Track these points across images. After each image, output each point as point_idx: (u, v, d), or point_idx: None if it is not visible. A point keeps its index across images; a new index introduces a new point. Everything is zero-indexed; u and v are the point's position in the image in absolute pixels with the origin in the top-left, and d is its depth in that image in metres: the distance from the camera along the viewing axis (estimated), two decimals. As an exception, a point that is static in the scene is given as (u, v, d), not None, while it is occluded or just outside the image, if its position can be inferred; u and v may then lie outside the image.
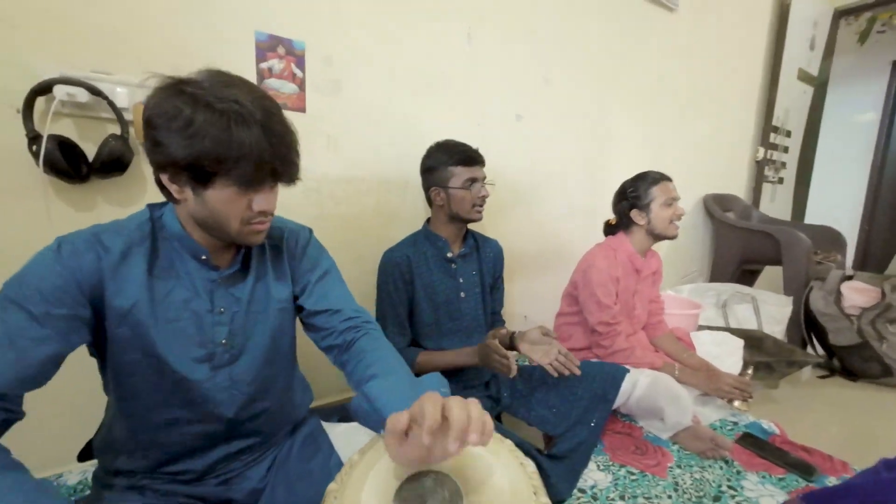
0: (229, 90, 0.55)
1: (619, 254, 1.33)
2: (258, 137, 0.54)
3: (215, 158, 0.53)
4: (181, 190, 0.57)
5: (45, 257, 0.55)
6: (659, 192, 1.28)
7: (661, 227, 1.29)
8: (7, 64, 0.79)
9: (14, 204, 0.81)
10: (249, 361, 0.68)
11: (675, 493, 0.92)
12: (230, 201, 0.57)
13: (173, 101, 0.53)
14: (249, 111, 0.54)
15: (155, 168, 0.57)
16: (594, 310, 1.27)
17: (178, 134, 0.52)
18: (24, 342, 0.50)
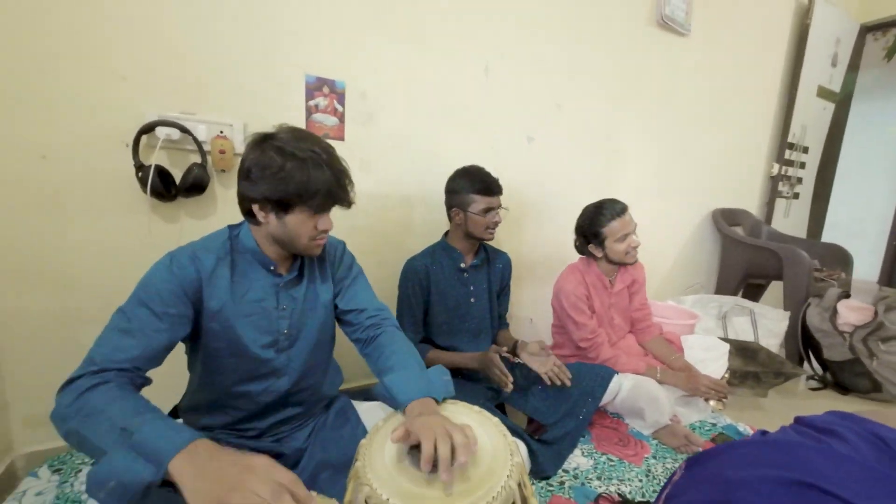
0: (303, 142, 0.76)
1: (588, 275, 1.44)
2: (328, 176, 0.75)
3: (297, 194, 0.74)
4: (266, 216, 0.77)
5: (162, 269, 0.75)
6: (613, 229, 1.34)
7: (618, 258, 1.38)
8: (119, 109, 1.02)
9: (125, 218, 1.05)
10: (302, 346, 0.88)
11: (647, 479, 1.08)
12: (303, 223, 0.77)
13: (266, 154, 0.74)
14: (320, 157, 0.75)
15: (248, 201, 0.77)
16: (573, 329, 1.40)
17: (271, 178, 0.73)
18: (149, 332, 0.69)
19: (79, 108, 0.98)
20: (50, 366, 1.03)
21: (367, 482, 0.61)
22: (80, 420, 0.56)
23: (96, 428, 0.55)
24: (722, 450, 0.49)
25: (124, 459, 0.51)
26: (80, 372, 0.62)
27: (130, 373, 0.65)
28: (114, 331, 0.68)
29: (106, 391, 0.60)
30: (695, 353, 1.53)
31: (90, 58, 0.97)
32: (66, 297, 1.02)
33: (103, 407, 0.57)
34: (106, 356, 0.64)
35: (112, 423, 0.55)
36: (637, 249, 1.37)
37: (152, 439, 0.53)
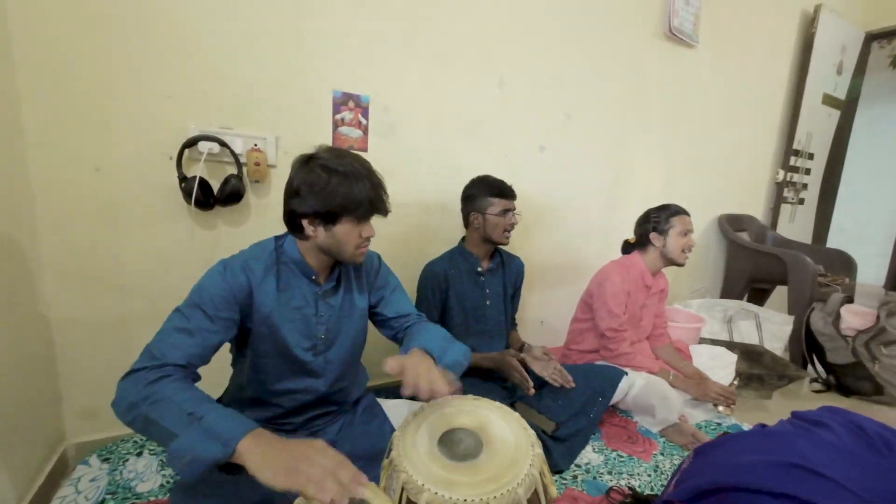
0: (344, 159, 0.83)
1: (632, 271, 1.53)
2: (368, 187, 0.83)
3: (343, 206, 0.82)
4: (315, 229, 0.85)
5: (215, 276, 0.82)
6: (678, 223, 1.48)
7: (674, 253, 1.49)
8: (165, 125, 1.09)
9: (170, 227, 1.13)
10: (338, 351, 0.95)
11: (655, 473, 1.14)
12: (349, 232, 0.85)
13: (313, 172, 0.82)
14: (360, 171, 0.83)
15: (298, 217, 0.84)
16: (605, 316, 1.48)
17: (319, 193, 0.81)
18: (203, 333, 0.76)
19: (129, 125, 1.06)
20: (101, 363, 1.11)
21: (403, 469, 0.68)
22: (148, 406, 0.63)
23: (165, 413, 0.62)
24: (726, 440, 0.55)
25: (198, 438, 0.59)
26: (143, 364, 0.68)
27: (186, 369, 0.72)
28: (172, 329, 0.74)
29: (170, 382, 0.67)
30: (702, 361, 1.59)
31: (141, 78, 1.05)
32: (119, 301, 1.10)
33: (170, 395, 0.64)
34: (165, 352, 0.70)
35: (180, 409, 0.62)
36: (690, 252, 1.49)
37: (219, 424, 0.60)
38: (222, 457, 0.58)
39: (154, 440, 0.65)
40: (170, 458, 0.59)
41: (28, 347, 0.96)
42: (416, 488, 0.65)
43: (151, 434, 0.63)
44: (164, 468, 1.05)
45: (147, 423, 0.63)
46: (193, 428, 0.60)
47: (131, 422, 0.64)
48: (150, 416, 0.62)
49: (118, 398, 0.66)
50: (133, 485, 0.99)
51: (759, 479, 0.41)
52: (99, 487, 0.97)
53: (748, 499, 0.42)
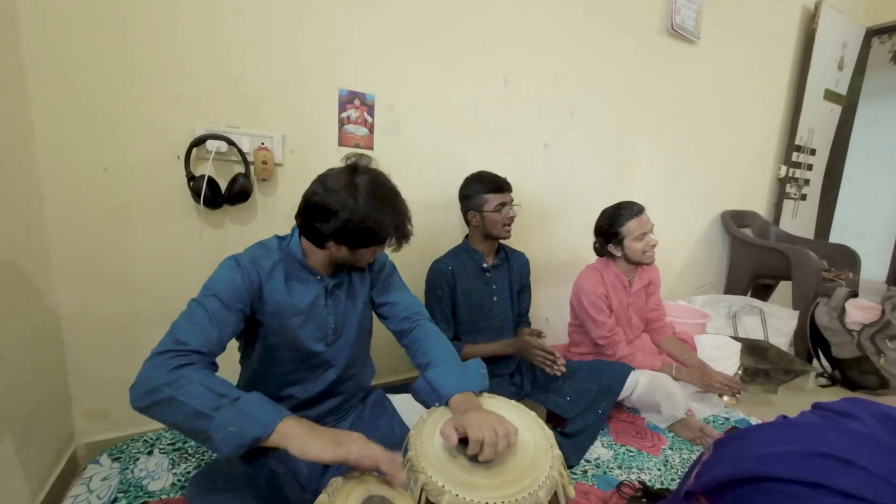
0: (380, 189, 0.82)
1: (606, 275, 1.50)
2: (395, 221, 0.83)
3: (376, 235, 0.82)
4: (338, 248, 0.84)
5: (228, 269, 0.82)
6: (631, 228, 1.41)
7: (636, 257, 1.45)
8: (172, 124, 1.10)
9: (178, 226, 1.13)
10: (346, 340, 0.96)
11: (665, 468, 1.14)
12: (367, 254, 0.88)
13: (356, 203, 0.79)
14: (396, 201, 0.83)
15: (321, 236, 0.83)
16: (592, 327, 1.46)
17: (345, 223, 0.79)
18: (222, 321, 0.76)
19: (137, 125, 1.06)
20: (110, 364, 1.11)
21: (422, 470, 0.67)
22: (175, 388, 0.62)
23: (194, 394, 0.62)
24: (749, 431, 0.55)
25: (237, 416, 0.60)
26: (166, 347, 0.68)
27: (206, 357, 0.72)
28: (193, 316, 0.74)
29: (196, 369, 0.67)
30: (707, 352, 1.59)
31: (149, 78, 1.05)
32: (128, 300, 1.10)
33: (200, 380, 0.64)
34: (188, 338, 0.70)
35: (210, 391, 0.62)
36: (654, 249, 1.43)
37: (257, 406, 0.62)
38: (262, 434, 0.59)
39: (174, 424, 0.63)
40: (216, 427, 0.59)
41: (39, 348, 0.96)
42: (436, 490, 0.64)
43: (173, 417, 0.62)
44: (176, 467, 1.05)
45: (174, 406, 0.61)
46: (230, 407, 0.61)
47: (150, 405, 0.63)
48: (176, 397, 0.61)
49: (140, 380, 0.65)
50: (144, 483, 0.99)
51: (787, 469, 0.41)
52: (111, 486, 0.97)
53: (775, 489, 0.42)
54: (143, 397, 0.64)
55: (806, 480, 0.40)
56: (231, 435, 0.59)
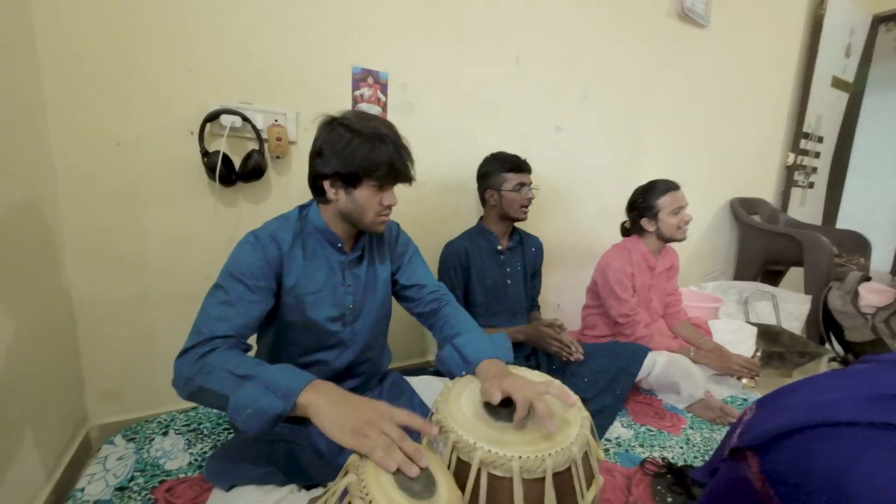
0: (368, 122, 0.81)
1: (634, 254, 1.50)
2: (391, 151, 0.80)
3: (363, 167, 0.79)
4: (336, 192, 0.83)
5: (248, 247, 0.80)
6: (666, 202, 1.42)
7: (669, 232, 1.44)
8: (184, 99, 1.07)
9: (192, 204, 1.11)
10: (364, 321, 0.94)
11: (686, 446, 1.13)
12: (370, 198, 0.83)
13: (335, 132, 0.80)
14: (384, 134, 0.80)
15: (318, 178, 0.83)
16: (614, 304, 1.45)
17: (340, 153, 0.79)
18: (244, 304, 0.75)
19: (150, 99, 1.04)
20: (123, 344, 1.10)
21: (452, 430, 0.66)
22: (202, 377, 0.62)
23: (216, 379, 0.62)
24: (796, 385, 0.54)
25: (256, 393, 0.58)
26: (192, 342, 0.68)
27: (234, 339, 0.71)
28: (215, 303, 0.73)
29: (220, 353, 0.66)
30: (722, 336, 1.58)
31: (162, 52, 1.03)
32: (140, 280, 1.08)
33: (221, 363, 0.63)
34: (211, 326, 0.69)
35: (231, 374, 0.62)
36: (688, 225, 1.43)
37: (276, 379, 0.59)
38: (283, 409, 0.57)
39: (219, 409, 0.64)
40: (231, 412, 0.58)
41: (51, 325, 0.94)
42: (467, 447, 0.63)
43: (210, 403, 0.64)
44: (192, 447, 1.03)
45: (203, 392, 0.63)
46: (249, 385, 0.59)
47: (190, 396, 0.65)
48: (203, 385, 0.62)
49: (175, 377, 0.66)
50: (161, 462, 0.97)
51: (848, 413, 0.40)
52: (127, 465, 0.96)
53: (835, 434, 0.41)
54: (183, 389, 0.65)
55: (870, 421, 0.39)
56: (251, 417, 0.57)
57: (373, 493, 0.52)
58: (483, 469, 0.62)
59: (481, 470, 0.62)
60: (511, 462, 0.61)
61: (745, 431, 0.55)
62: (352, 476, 0.54)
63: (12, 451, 0.77)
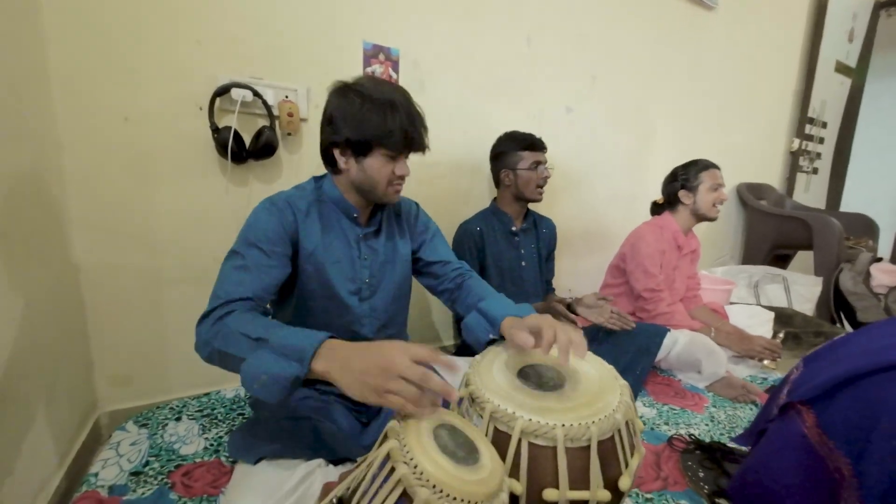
0: (381, 88, 0.78)
1: (665, 231, 1.50)
2: (403, 118, 0.77)
3: (375, 135, 0.76)
4: (347, 161, 0.80)
5: (263, 212, 0.78)
6: (707, 178, 1.45)
7: (705, 208, 1.45)
8: (193, 73, 1.04)
9: (203, 181, 1.07)
10: (383, 297, 0.91)
11: (712, 423, 1.11)
12: (381, 167, 0.80)
13: (346, 99, 0.77)
14: (397, 101, 0.78)
15: (329, 146, 0.81)
16: (641, 277, 1.44)
17: (351, 120, 0.76)
18: (261, 269, 0.72)
19: (158, 71, 1.00)
20: (133, 327, 1.06)
21: (488, 400, 0.63)
22: (219, 340, 0.61)
23: (235, 343, 0.59)
24: (848, 337, 0.52)
25: (269, 358, 0.56)
26: (210, 307, 0.66)
27: (252, 301, 0.68)
28: (231, 269, 0.71)
29: (237, 316, 0.64)
30: (740, 320, 1.57)
31: (170, 22, 0.99)
32: (151, 259, 1.05)
33: (237, 327, 0.61)
34: (229, 291, 0.67)
35: (246, 337, 0.59)
36: (721, 205, 1.45)
37: (288, 341, 0.57)
38: (299, 373, 0.55)
39: (234, 371, 0.61)
40: (245, 381, 0.56)
41: (60, 302, 0.90)
42: (507, 417, 0.61)
43: (232, 367, 0.61)
44: (206, 432, 1.00)
45: (221, 357, 0.61)
46: (262, 349, 0.57)
47: (210, 359, 0.63)
48: (221, 349, 0.60)
49: (197, 342, 0.64)
50: (176, 447, 0.94)
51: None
52: (141, 451, 0.92)
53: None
54: (203, 352, 0.63)
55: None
56: (267, 384, 0.55)
57: (417, 457, 0.49)
58: (524, 439, 0.60)
59: (522, 440, 0.60)
60: (554, 430, 0.59)
61: (795, 388, 0.53)
62: (392, 442, 0.51)
63: (23, 434, 0.73)
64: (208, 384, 1.16)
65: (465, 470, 0.51)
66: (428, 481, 0.47)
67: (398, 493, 0.48)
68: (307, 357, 0.55)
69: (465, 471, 0.50)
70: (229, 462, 0.90)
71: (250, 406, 0.93)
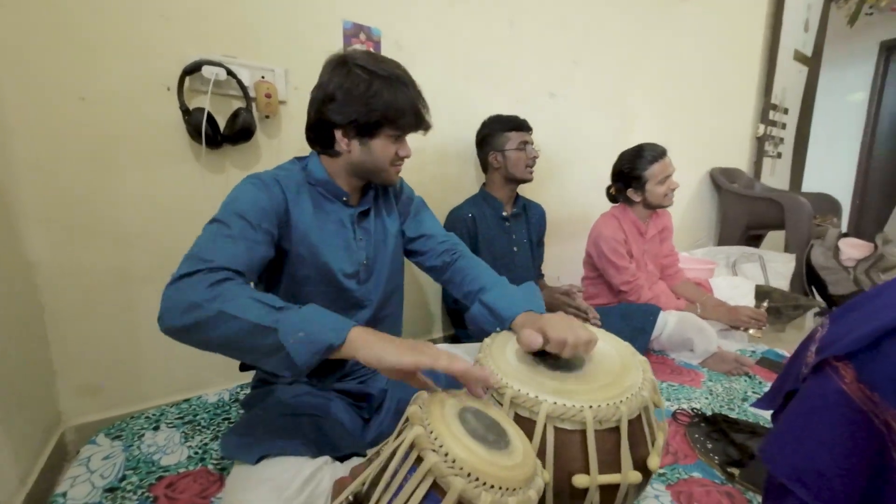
0: (384, 63, 0.74)
1: (623, 221, 1.46)
2: (413, 95, 0.73)
3: (385, 115, 0.71)
4: (349, 143, 0.75)
5: (249, 186, 0.71)
6: (654, 172, 1.36)
7: (657, 201, 1.39)
8: (159, 50, 0.95)
9: (173, 168, 0.99)
10: (378, 278, 0.86)
11: (711, 396, 1.12)
12: (386, 149, 0.76)
13: (352, 74, 0.72)
14: (404, 77, 0.73)
15: (331, 127, 0.75)
16: (614, 274, 1.42)
17: (360, 98, 0.71)
18: (249, 242, 0.65)
19: (118, 47, 0.91)
20: (101, 329, 0.96)
21: (507, 385, 0.59)
22: (222, 302, 0.53)
23: (246, 307, 0.53)
24: (879, 289, 0.52)
25: (309, 319, 0.53)
26: (194, 268, 0.56)
27: (243, 276, 0.61)
28: (217, 236, 0.63)
29: (238, 283, 0.57)
30: (723, 293, 1.60)
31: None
32: (119, 254, 0.95)
33: (247, 293, 0.55)
34: (215, 256, 0.59)
35: (264, 304, 0.53)
36: (674, 192, 1.40)
37: (322, 314, 0.54)
38: (336, 341, 0.51)
39: (225, 342, 0.54)
40: (282, 332, 0.51)
41: (13, 312, 0.80)
42: (530, 401, 0.57)
43: (225, 332, 0.52)
44: (189, 440, 0.92)
45: (221, 320, 0.52)
46: (294, 314, 0.53)
47: (193, 323, 0.53)
48: (225, 310, 0.52)
49: (171, 304, 0.54)
50: (156, 458, 0.86)
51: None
52: (115, 465, 0.83)
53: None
54: (183, 315, 0.53)
55: None
56: (302, 341, 0.51)
57: (447, 444, 0.44)
58: (549, 423, 0.57)
59: (547, 424, 0.56)
60: (583, 413, 0.55)
61: (826, 346, 0.52)
62: (418, 428, 0.46)
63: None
64: (188, 389, 1.07)
65: (498, 455, 0.47)
66: (462, 469, 0.42)
67: (427, 484, 0.43)
68: (346, 328, 0.53)
69: (498, 456, 0.46)
70: (218, 470, 0.83)
71: (242, 405, 0.86)
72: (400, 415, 0.85)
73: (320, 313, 0.55)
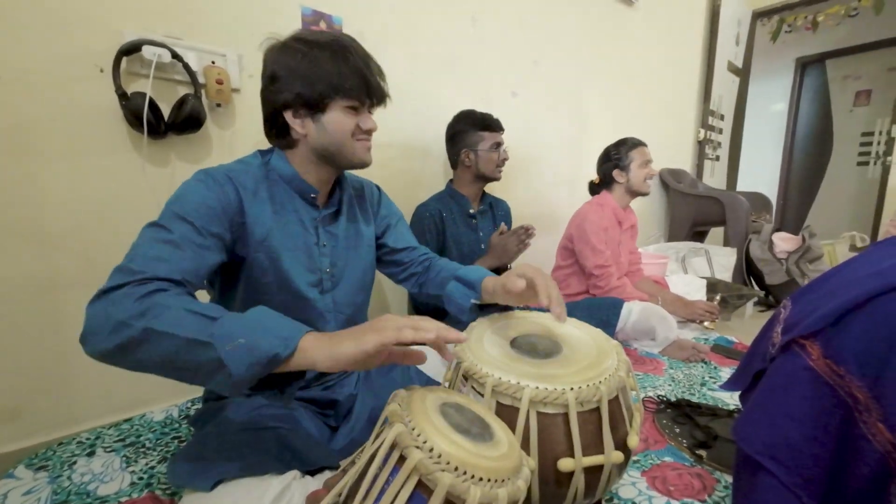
0: (324, 34, 0.70)
1: (606, 209, 1.57)
2: (357, 60, 0.69)
3: (330, 84, 0.67)
4: (303, 123, 0.70)
5: (198, 185, 0.64)
6: (637, 155, 1.55)
7: (637, 184, 1.55)
8: (89, 25, 0.85)
9: (108, 160, 0.88)
10: (346, 288, 0.81)
11: (673, 383, 1.16)
12: (343, 122, 0.70)
13: (289, 50, 0.68)
14: (348, 45, 0.69)
15: (277, 112, 0.70)
16: (590, 255, 1.49)
17: (299, 70, 0.67)
18: (193, 247, 0.58)
19: (41, 21, 0.80)
20: (21, 344, 0.84)
21: (487, 374, 0.58)
22: (151, 319, 0.46)
23: (178, 320, 0.46)
24: (836, 270, 0.55)
25: (251, 326, 0.47)
26: (122, 280, 0.49)
27: (183, 286, 0.54)
28: (153, 241, 0.56)
29: (172, 295, 0.50)
30: (678, 289, 1.70)
31: (52, -43, 0.80)
32: (42, 257, 0.83)
33: (180, 304, 0.48)
34: (148, 266, 0.52)
35: (199, 315, 0.47)
36: (652, 180, 1.56)
37: (270, 318, 0.49)
38: (282, 351, 0.46)
39: (160, 364, 0.47)
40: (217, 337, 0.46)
41: None
42: (511, 388, 0.56)
43: (157, 353, 0.46)
44: (132, 464, 0.81)
45: (150, 340, 0.46)
46: (234, 320, 0.47)
47: (121, 345, 0.46)
48: (152, 327, 0.45)
49: (95, 323, 0.47)
50: (92, 488, 0.75)
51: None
52: (40, 499, 0.72)
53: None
54: (109, 337, 0.46)
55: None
56: (240, 348, 0.45)
57: (431, 439, 0.42)
58: (532, 409, 0.56)
59: (530, 410, 0.56)
60: (565, 395, 0.55)
61: (791, 326, 0.54)
62: (398, 426, 0.43)
63: None
64: (129, 407, 0.96)
65: (484, 447, 0.45)
66: (448, 464, 0.40)
67: (412, 484, 0.40)
68: (296, 336, 0.47)
69: (484, 447, 0.45)
70: (168, 495, 0.74)
71: (191, 423, 0.77)
72: (373, 423, 0.82)
73: (269, 317, 0.49)
